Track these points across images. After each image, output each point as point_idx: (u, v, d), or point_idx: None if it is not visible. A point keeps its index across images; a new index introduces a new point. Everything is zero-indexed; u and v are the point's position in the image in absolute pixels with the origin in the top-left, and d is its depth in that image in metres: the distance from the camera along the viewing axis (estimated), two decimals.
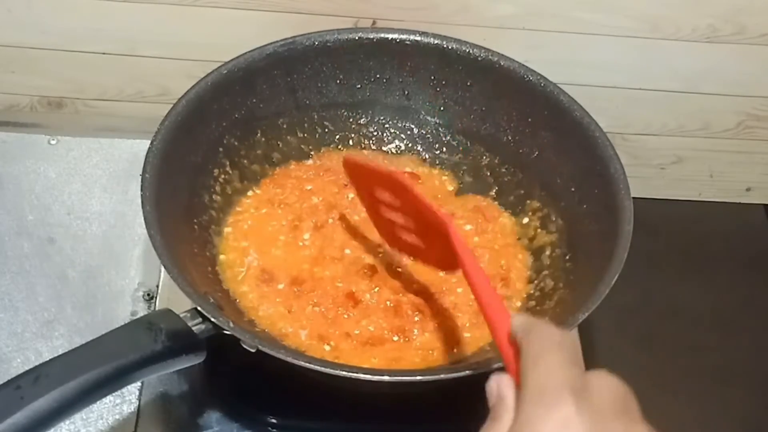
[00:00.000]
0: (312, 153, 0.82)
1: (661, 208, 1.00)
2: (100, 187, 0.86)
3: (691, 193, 1.03)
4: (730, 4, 0.84)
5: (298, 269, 0.72)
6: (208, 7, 0.84)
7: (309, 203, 0.77)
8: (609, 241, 0.66)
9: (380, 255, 0.74)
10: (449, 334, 0.69)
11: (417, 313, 0.70)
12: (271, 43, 0.76)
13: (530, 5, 0.84)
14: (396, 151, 0.84)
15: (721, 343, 0.88)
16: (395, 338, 0.68)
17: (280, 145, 0.80)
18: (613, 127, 0.93)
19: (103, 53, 0.89)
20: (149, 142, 0.67)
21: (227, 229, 0.75)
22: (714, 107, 0.93)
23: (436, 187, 0.82)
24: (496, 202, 0.80)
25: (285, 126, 0.80)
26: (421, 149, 0.84)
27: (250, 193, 0.78)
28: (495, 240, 0.77)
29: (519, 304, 0.73)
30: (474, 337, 0.70)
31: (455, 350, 0.69)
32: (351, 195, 0.77)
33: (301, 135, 0.81)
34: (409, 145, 0.84)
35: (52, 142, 0.89)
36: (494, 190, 0.81)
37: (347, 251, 0.74)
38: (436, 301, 0.71)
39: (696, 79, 0.91)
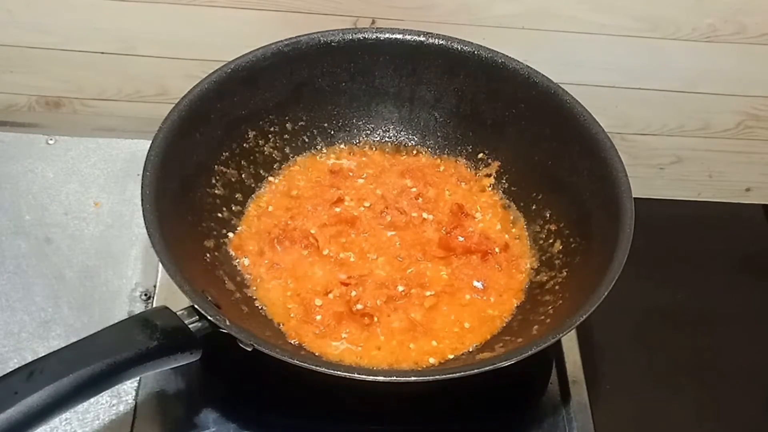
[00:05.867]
0: (314, 152, 0.82)
1: (660, 208, 1.00)
2: (98, 187, 0.85)
3: (690, 193, 1.03)
4: (730, 4, 0.84)
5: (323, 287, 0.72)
6: (207, 7, 0.84)
7: (323, 207, 0.77)
8: (609, 243, 0.66)
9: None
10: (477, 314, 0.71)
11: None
12: (275, 43, 0.76)
13: (530, 5, 0.84)
14: (397, 150, 0.84)
15: (720, 343, 0.88)
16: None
17: (283, 145, 0.80)
18: (613, 127, 0.92)
19: (102, 53, 0.89)
20: (147, 141, 0.67)
21: (240, 228, 0.76)
22: (714, 107, 0.93)
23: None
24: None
25: (288, 125, 0.80)
26: (422, 149, 0.84)
27: (263, 188, 0.79)
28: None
29: (521, 277, 0.74)
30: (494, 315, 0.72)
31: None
32: (367, 203, 0.78)
33: (305, 134, 0.81)
34: (411, 144, 0.84)
35: (50, 141, 0.88)
36: None
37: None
38: (460, 289, 0.73)
39: (696, 79, 0.91)
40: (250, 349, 0.58)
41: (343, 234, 0.76)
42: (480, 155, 0.82)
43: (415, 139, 0.84)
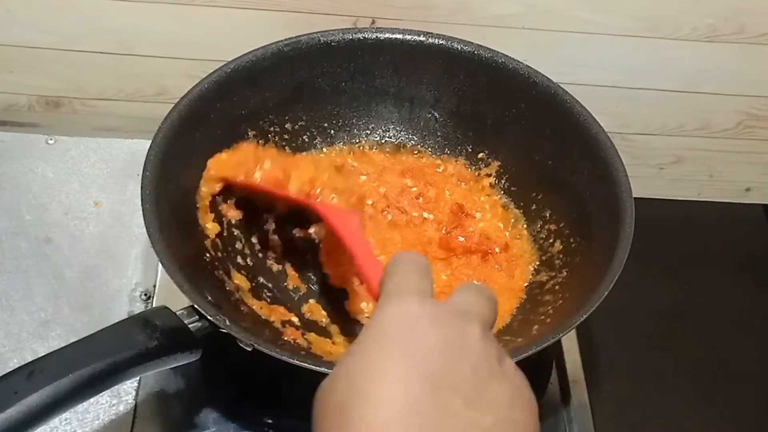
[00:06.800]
0: (314, 152, 0.82)
1: (660, 208, 0.99)
2: (98, 186, 0.85)
3: (690, 193, 1.02)
4: (730, 4, 0.83)
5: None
6: (207, 7, 0.84)
7: None
8: (609, 242, 0.66)
9: None
10: None
11: None
12: (275, 43, 0.76)
13: (530, 4, 0.84)
14: (397, 150, 0.83)
15: (720, 343, 0.88)
16: None
17: (283, 144, 0.80)
18: (613, 127, 0.92)
19: (102, 52, 0.89)
20: (147, 141, 0.67)
21: None
22: (714, 107, 0.93)
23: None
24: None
25: (288, 125, 0.80)
26: (422, 149, 0.83)
27: None
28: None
29: (521, 277, 0.74)
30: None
31: None
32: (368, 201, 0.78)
33: (305, 134, 0.81)
34: (411, 144, 0.84)
35: (50, 141, 0.88)
36: None
37: None
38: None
39: (696, 79, 0.91)
40: (250, 349, 0.58)
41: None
42: (480, 155, 0.82)
43: (415, 139, 0.84)
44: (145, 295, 0.77)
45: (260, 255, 0.75)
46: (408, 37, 0.78)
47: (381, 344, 0.39)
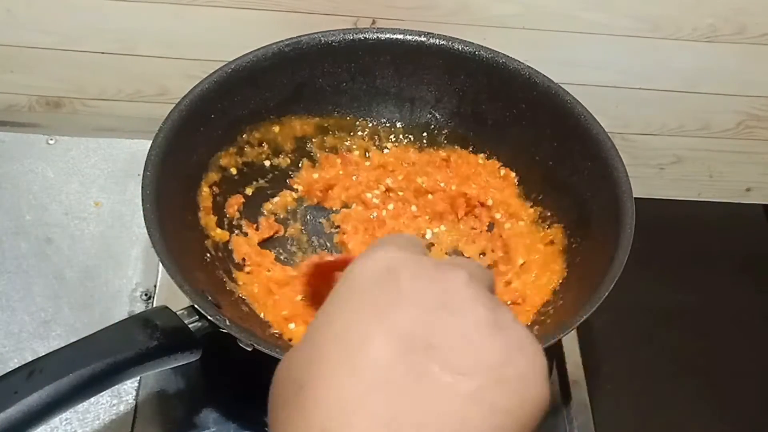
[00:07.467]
0: (317, 153, 0.82)
1: (660, 208, 0.99)
2: (98, 187, 0.85)
3: (690, 193, 1.03)
4: (730, 4, 0.84)
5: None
6: (208, 7, 0.84)
7: None
8: (610, 243, 0.66)
9: None
10: None
11: None
12: (276, 43, 0.76)
13: (530, 4, 0.84)
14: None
15: (721, 343, 0.88)
16: None
17: (285, 145, 0.80)
18: (613, 127, 0.92)
19: (102, 53, 0.89)
20: (148, 141, 0.67)
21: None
22: (714, 107, 0.93)
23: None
24: None
25: (289, 125, 0.80)
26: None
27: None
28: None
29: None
30: None
31: None
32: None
33: (306, 135, 0.81)
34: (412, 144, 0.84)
35: (51, 141, 0.89)
36: None
37: None
38: None
39: (696, 79, 0.91)
40: (250, 349, 0.58)
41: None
42: (481, 155, 0.82)
43: (415, 141, 0.84)
44: (146, 295, 0.77)
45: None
46: (408, 37, 0.78)
47: (346, 301, 0.34)
